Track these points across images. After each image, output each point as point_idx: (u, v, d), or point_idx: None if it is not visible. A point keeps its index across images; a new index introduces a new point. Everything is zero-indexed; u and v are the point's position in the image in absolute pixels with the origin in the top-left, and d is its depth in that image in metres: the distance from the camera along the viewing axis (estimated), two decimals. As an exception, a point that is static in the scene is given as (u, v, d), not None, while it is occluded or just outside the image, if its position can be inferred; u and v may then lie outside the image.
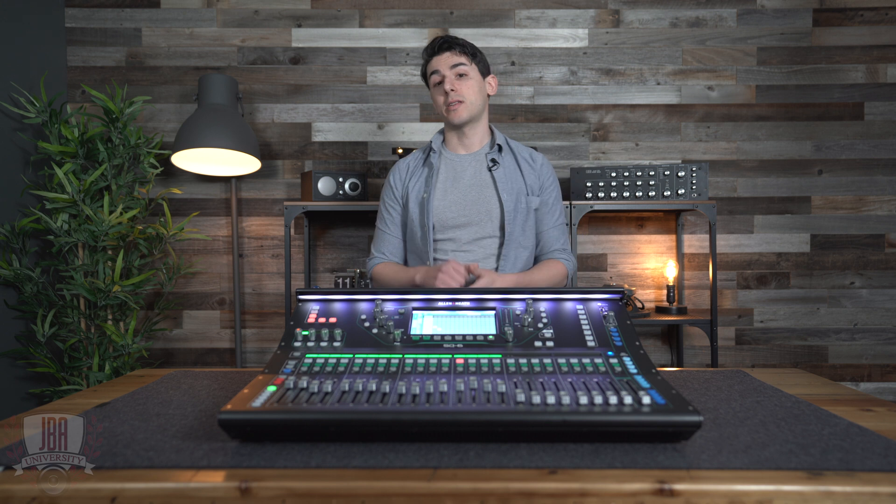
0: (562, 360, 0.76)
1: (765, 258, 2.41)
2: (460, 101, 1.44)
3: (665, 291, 2.38)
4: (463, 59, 1.44)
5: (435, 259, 1.48)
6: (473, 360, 0.76)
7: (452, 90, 1.42)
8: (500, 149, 1.52)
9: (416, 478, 0.54)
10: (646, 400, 0.63)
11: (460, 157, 1.53)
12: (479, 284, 1.28)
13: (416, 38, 2.41)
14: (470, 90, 1.45)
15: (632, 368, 0.74)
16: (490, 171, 1.49)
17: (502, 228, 1.46)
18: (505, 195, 1.46)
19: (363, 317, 0.87)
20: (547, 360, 0.76)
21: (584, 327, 0.84)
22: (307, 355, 0.79)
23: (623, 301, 0.92)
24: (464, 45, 1.46)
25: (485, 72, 1.51)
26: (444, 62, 1.44)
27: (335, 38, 2.41)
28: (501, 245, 1.46)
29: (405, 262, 1.60)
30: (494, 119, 2.41)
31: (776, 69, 2.39)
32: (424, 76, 1.52)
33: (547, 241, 1.53)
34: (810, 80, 2.39)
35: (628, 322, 0.86)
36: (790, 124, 2.39)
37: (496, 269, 1.46)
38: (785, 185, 2.40)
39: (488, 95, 1.53)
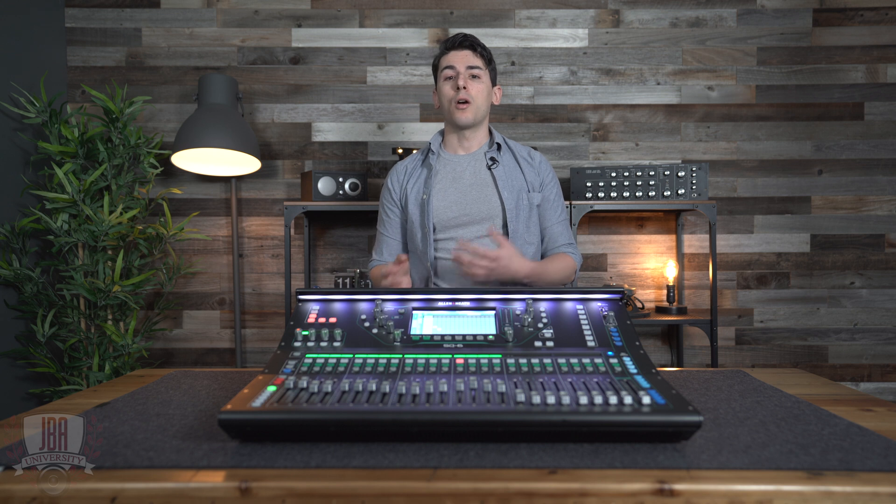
0: (562, 360, 0.76)
1: (765, 258, 2.41)
2: (468, 102, 1.45)
3: (665, 291, 2.38)
4: (479, 63, 1.47)
5: (436, 258, 1.48)
6: (473, 360, 0.76)
7: (464, 88, 1.44)
8: (498, 147, 1.52)
9: (416, 478, 0.54)
10: (646, 400, 0.63)
11: (459, 157, 1.53)
12: (498, 255, 1.25)
13: (415, 39, 2.41)
14: (480, 93, 1.47)
15: (632, 368, 0.74)
16: (490, 169, 1.50)
17: (505, 226, 1.46)
18: (506, 193, 1.46)
19: (363, 317, 0.87)
20: (547, 360, 0.76)
21: (584, 327, 0.84)
22: (307, 355, 0.79)
23: (623, 301, 0.92)
24: (483, 50, 1.49)
25: (494, 80, 1.54)
26: (462, 59, 1.46)
27: (335, 38, 2.41)
28: None
29: None
30: (494, 119, 2.40)
31: (776, 69, 2.39)
32: (435, 68, 1.53)
33: (552, 236, 1.54)
34: (810, 80, 2.39)
35: (628, 322, 0.86)
36: (790, 124, 2.39)
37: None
38: (785, 185, 2.40)
39: (492, 104, 1.55)
